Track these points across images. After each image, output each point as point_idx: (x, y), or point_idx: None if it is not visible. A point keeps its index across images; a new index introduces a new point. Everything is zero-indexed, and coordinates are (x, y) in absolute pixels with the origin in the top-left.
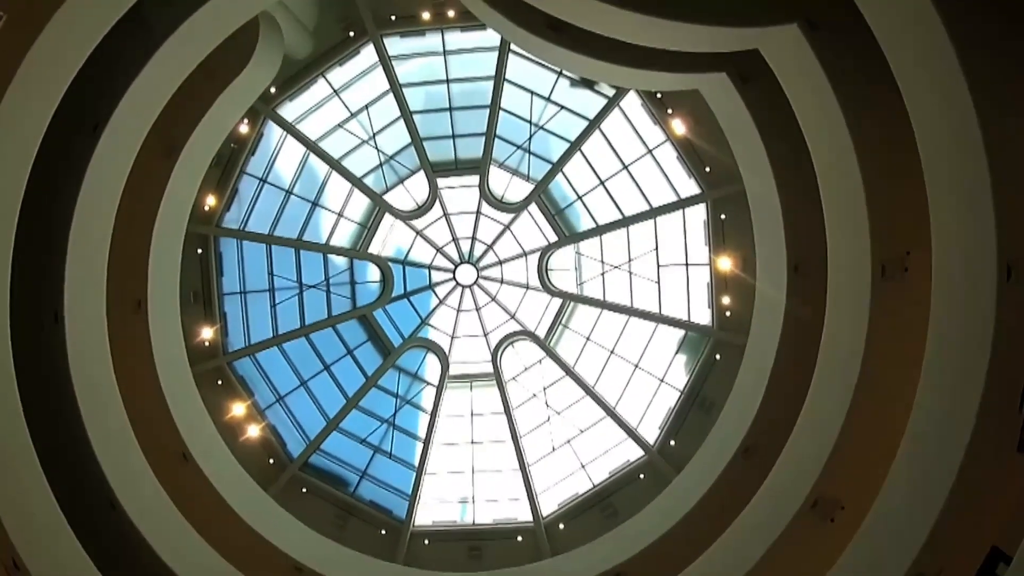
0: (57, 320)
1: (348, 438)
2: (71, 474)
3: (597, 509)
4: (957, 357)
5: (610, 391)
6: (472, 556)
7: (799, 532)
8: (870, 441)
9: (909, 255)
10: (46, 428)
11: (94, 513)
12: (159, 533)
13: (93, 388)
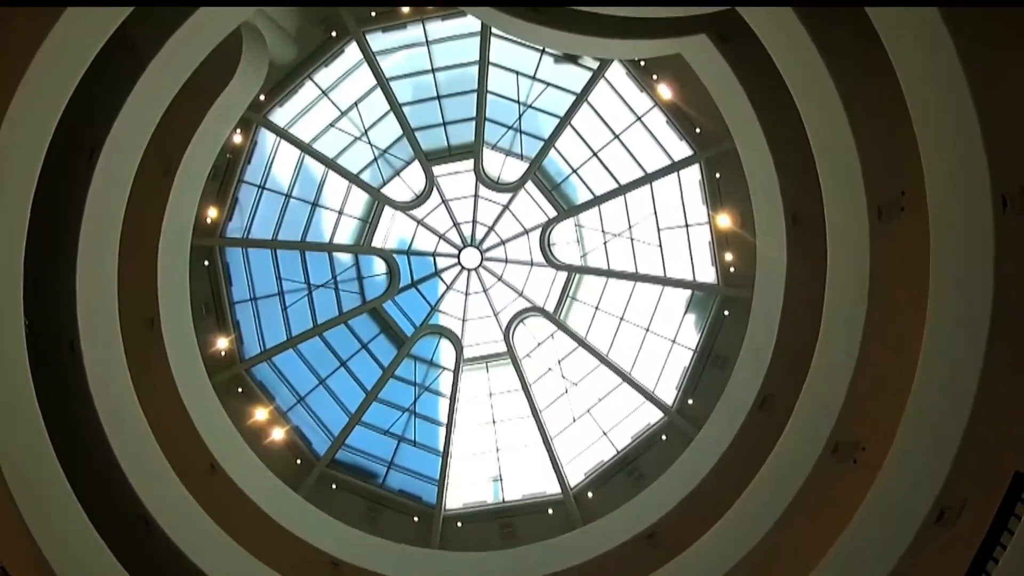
0: (74, 349)
1: (371, 431)
2: (103, 497)
3: (623, 474)
4: (961, 289)
5: (624, 357)
6: (505, 534)
7: (823, 477)
8: (884, 380)
9: (904, 195)
10: (75, 456)
11: (130, 532)
12: (195, 544)
13: (116, 411)
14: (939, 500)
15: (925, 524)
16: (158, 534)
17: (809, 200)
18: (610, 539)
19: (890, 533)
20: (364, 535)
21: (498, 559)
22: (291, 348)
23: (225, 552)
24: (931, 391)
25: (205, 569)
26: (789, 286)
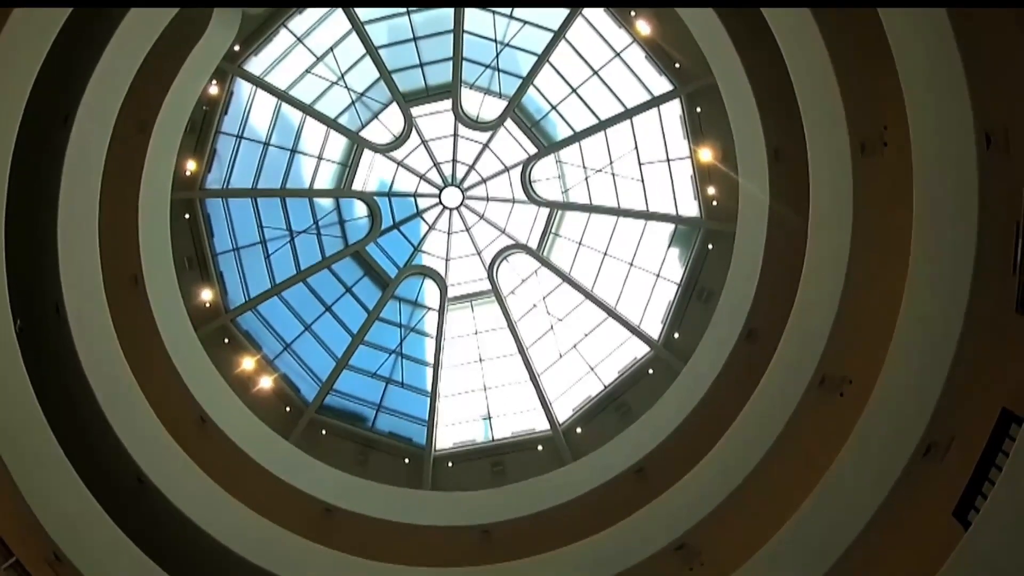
0: (58, 312)
1: (359, 374)
2: (95, 458)
3: (611, 409)
4: (946, 226)
5: (608, 292)
6: (496, 472)
7: (810, 410)
8: (870, 315)
9: (887, 131)
10: (65, 420)
11: (123, 491)
12: (188, 498)
13: (103, 371)
14: (926, 435)
15: (913, 458)
16: (151, 491)
17: (791, 135)
18: (600, 475)
19: (878, 467)
20: (355, 479)
21: (489, 497)
22: (275, 296)
23: (218, 504)
24: (916, 326)
25: (199, 522)
26: (772, 220)
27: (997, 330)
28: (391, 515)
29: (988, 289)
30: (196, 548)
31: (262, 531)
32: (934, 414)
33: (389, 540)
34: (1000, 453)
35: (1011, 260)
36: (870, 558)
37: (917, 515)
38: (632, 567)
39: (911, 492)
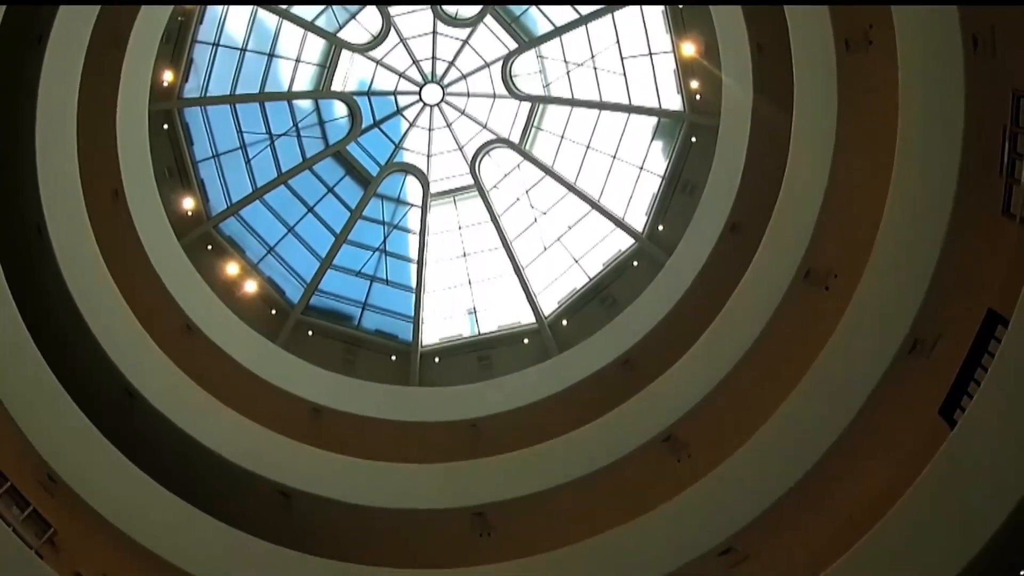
0: (40, 232)
1: (343, 274)
2: (84, 375)
3: (596, 301)
4: (933, 127)
5: (592, 186)
6: (483, 365)
7: (796, 303)
8: (855, 210)
9: (872, 28)
10: (51, 340)
11: (113, 407)
12: (178, 408)
13: (88, 288)
14: (912, 331)
15: (899, 354)
16: (140, 403)
17: (775, 30)
18: (587, 366)
19: (864, 361)
20: (343, 378)
21: (477, 391)
22: (257, 200)
23: (207, 411)
24: (903, 223)
25: (189, 431)
26: (756, 115)
27: (983, 232)
28: (379, 413)
29: (974, 191)
30: (188, 457)
31: (252, 436)
32: (920, 311)
33: (378, 438)
34: (986, 354)
35: (998, 163)
36: (856, 452)
37: (903, 412)
38: (620, 458)
39: (897, 388)
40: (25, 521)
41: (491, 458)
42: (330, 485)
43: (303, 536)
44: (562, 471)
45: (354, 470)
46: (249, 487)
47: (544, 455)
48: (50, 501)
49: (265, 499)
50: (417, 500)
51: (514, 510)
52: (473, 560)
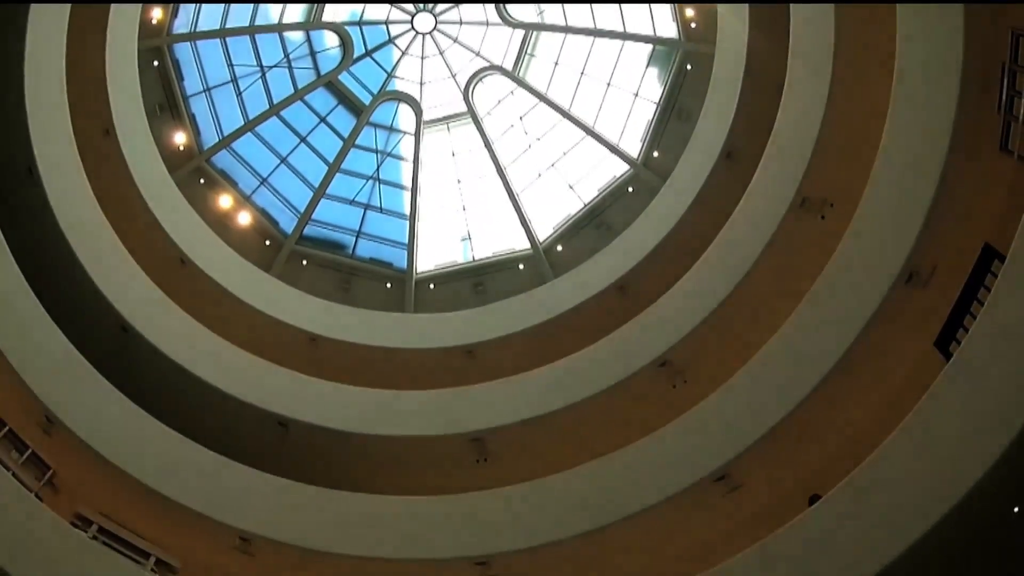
0: (31, 173)
1: (337, 202)
2: (79, 314)
3: (591, 227)
4: (931, 62)
5: (586, 112)
6: (478, 292)
7: (791, 230)
8: (851, 139)
9: None
10: (45, 280)
11: (109, 344)
12: (174, 342)
13: (81, 227)
14: (908, 261)
15: (895, 284)
16: (136, 339)
17: None
18: (582, 291)
19: (860, 290)
20: (338, 306)
21: (472, 317)
22: (249, 132)
23: (203, 344)
24: (899, 155)
25: (185, 364)
26: (752, 42)
27: (981, 167)
28: (375, 340)
29: (972, 127)
30: (185, 391)
31: (248, 366)
32: (916, 242)
33: (374, 365)
34: (982, 288)
35: (996, 100)
36: (851, 382)
37: (899, 342)
38: (616, 383)
39: (893, 319)
40: (24, 464)
41: (487, 384)
42: (327, 414)
43: (301, 466)
44: (558, 396)
45: (351, 398)
46: (247, 418)
47: (540, 380)
48: (48, 442)
49: (263, 430)
50: (414, 427)
51: (511, 435)
52: (471, 486)
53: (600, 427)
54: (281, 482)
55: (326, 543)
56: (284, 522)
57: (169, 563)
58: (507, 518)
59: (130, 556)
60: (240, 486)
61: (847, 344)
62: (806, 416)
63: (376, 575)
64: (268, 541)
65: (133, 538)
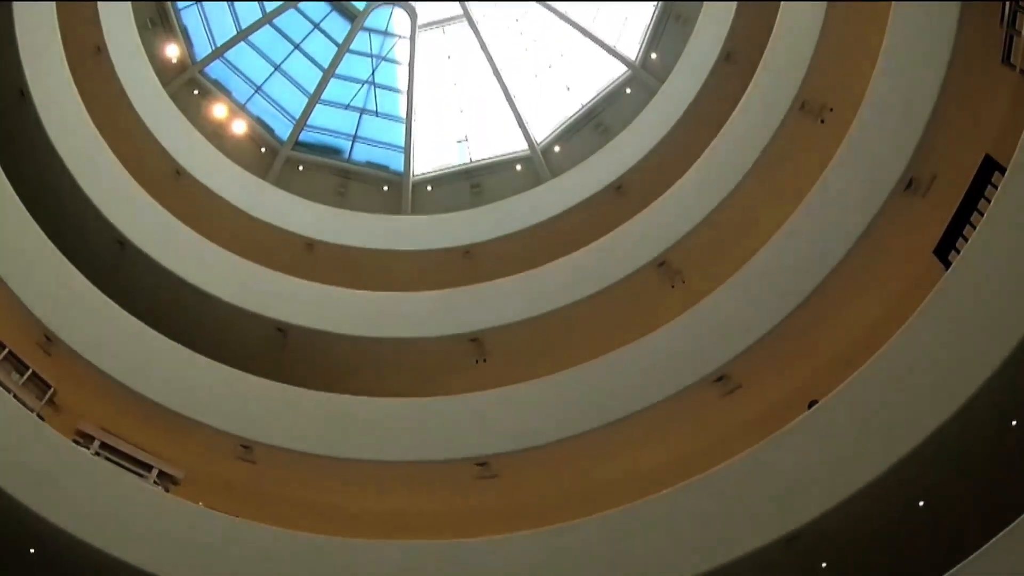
0: (23, 95)
1: (332, 108)
2: (75, 231)
3: (589, 128)
4: None
5: (583, 13)
6: (475, 193)
7: (790, 134)
8: (851, 44)
9: None
10: (41, 201)
11: (106, 259)
12: (171, 253)
13: (75, 145)
14: (908, 168)
15: (894, 190)
16: (133, 253)
17: None
18: (580, 191)
19: (858, 195)
20: (335, 210)
21: (470, 218)
22: (242, 41)
23: (201, 254)
24: (900, 61)
25: (184, 275)
26: None
27: (982, 79)
28: (372, 243)
29: (975, 39)
30: (183, 302)
31: (247, 274)
32: (916, 149)
33: (372, 269)
34: (982, 199)
35: (999, 13)
36: (851, 286)
37: (898, 249)
38: (614, 284)
39: (892, 225)
40: (25, 385)
41: (485, 284)
42: (326, 318)
43: (301, 372)
44: (556, 296)
45: (350, 301)
46: (246, 326)
47: (538, 280)
48: (48, 361)
49: (263, 337)
50: (413, 328)
51: (509, 335)
52: (470, 387)
53: (598, 327)
54: (281, 388)
55: (327, 448)
56: (285, 428)
57: (172, 474)
58: (507, 418)
59: (132, 470)
60: (240, 394)
61: (846, 248)
62: (806, 319)
63: (378, 477)
64: (269, 448)
65: (135, 451)
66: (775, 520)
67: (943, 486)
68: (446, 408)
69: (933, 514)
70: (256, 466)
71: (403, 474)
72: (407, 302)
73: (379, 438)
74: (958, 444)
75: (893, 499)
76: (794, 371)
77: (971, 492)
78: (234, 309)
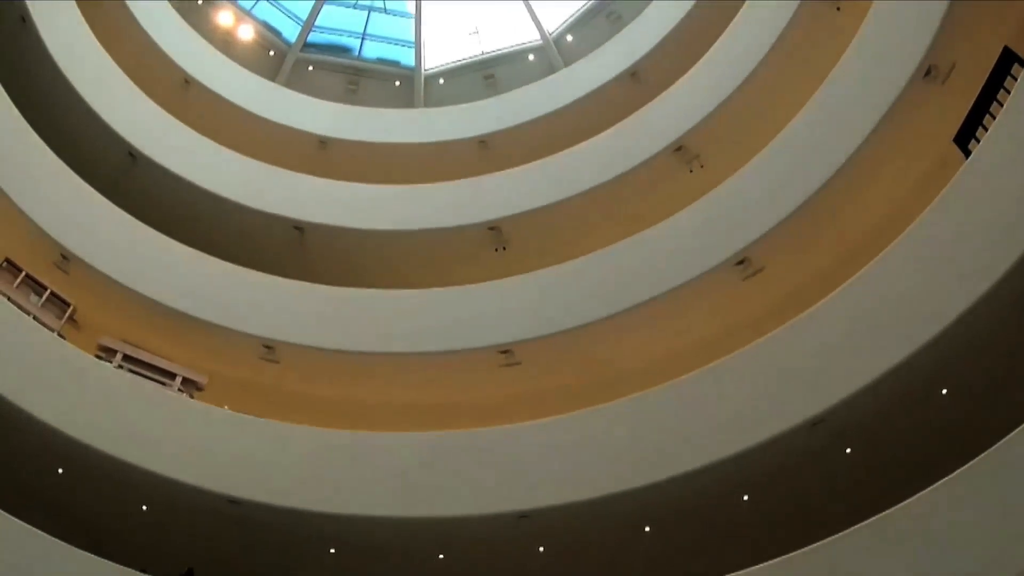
0: (25, 21)
1: (340, 6)
2: (85, 149)
3: (601, 17)
4: None
5: None
6: (488, 84)
7: (806, 20)
8: None
9: None
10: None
11: (118, 172)
12: (183, 161)
13: (80, 63)
14: (927, 56)
15: (913, 77)
16: (145, 164)
17: None
18: (594, 79)
19: (878, 80)
20: (347, 107)
21: (483, 108)
22: None
23: (213, 159)
24: None
25: (197, 181)
26: None
27: None
28: (386, 137)
29: None
30: (198, 209)
31: (261, 176)
32: (935, 38)
33: (387, 163)
34: (1002, 89)
35: None
36: (869, 172)
37: (917, 136)
38: (632, 168)
39: (911, 111)
40: (44, 306)
41: (502, 172)
42: (343, 214)
43: (319, 270)
44: (574, 182)
45: (366, 196)
46: (263, 228)
47: (555, 167)
48: (66, 280)
49: (280, 238)
50: (431, 220)
51: (527, 223)
52: (490, 276)
53: (618, 214)
54: (300, 286)
55: (350, 343)
56: (307, 326)
57: (195, 381)
58: (529, 305)
59: (156, 379)
60: (260, 295)
61: (865, 133)
62: (827, 202)
63: (402, 371)
64: (292, 347)
65: (158, 361)
66: (799, 404)
67: (965, 374)
68: (467, 297)
69: (956, 402)
70: (280, 366)
71: (427, 365)
72: (424, 194)
73: (402, 331)
74: (980, 331)
75: (916, 385)
76: (816, 254)
77: (993, 380)
78: (250, 211)
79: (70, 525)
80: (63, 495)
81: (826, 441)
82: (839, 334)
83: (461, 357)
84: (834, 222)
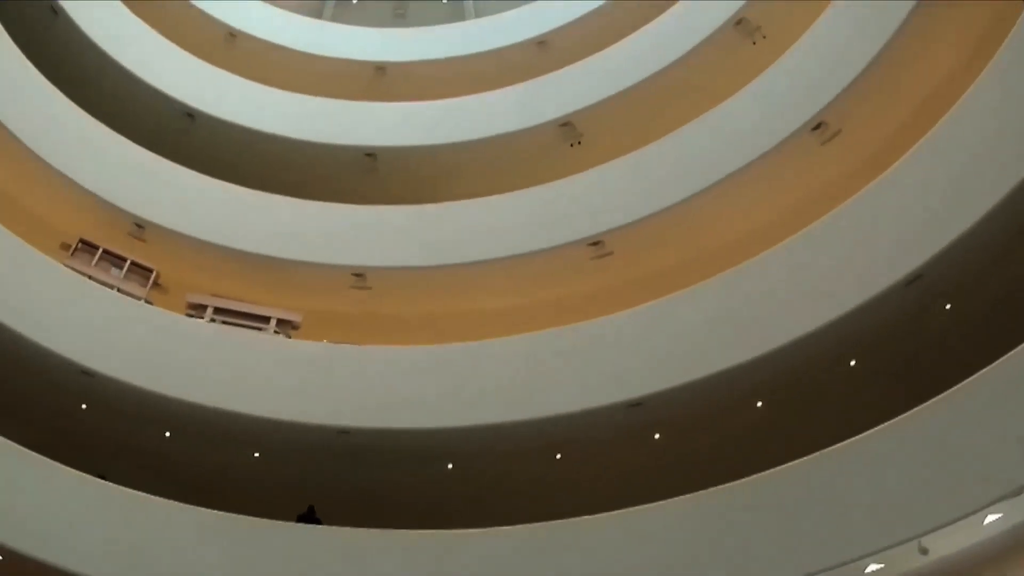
0: (56, 13)
1: None
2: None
3: None
4: None
5: None
6: None
7: None
8: None
9: None
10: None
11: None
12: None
13: (123, 41)
14: None
15: None
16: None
17: None
18: None
19: None
20: (398, 30)
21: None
22: None
23: (274, 105)
24: None
25: (261, 127)
26: None
27: None
28: (442, 53)
29: None
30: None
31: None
32: None
33: (448, 79)
34: None
35: None
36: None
37: None
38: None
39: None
40: (127, 277)
41: (565, 68)
42: (412, 134)
43: (396, 193)
44: (638, 69)
45: (433, 114)
46: (332, 161)
47: (618, 57)
48: (144, 247)
49: (351, 168)
50: (502, 124)
51: (598, 114)
52: (568, 173)
53: (686, 95)
54: (380, 210)
55: (440, 257)
56: (393, 249)
57: (290, 320)
58: (613, 194)
59: (250, 325)
60: (340, 226)
61: None
62: (896, 59)
63: (493, 277)
64: (381, 270)
65: (248, 307)
66: (895, 261)
67: None
68: (550, 194)
69: None
70: (371, 292)
71: (518, 268)
72: (491, 101)
73: (489, 237)
74: None
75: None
76: (893, 111)
77: None
78: (318, 146)
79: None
80: (174, 455)
81: (926, 298)
82: (928, 187)
83: (551, 255)
84: (906, 80)
